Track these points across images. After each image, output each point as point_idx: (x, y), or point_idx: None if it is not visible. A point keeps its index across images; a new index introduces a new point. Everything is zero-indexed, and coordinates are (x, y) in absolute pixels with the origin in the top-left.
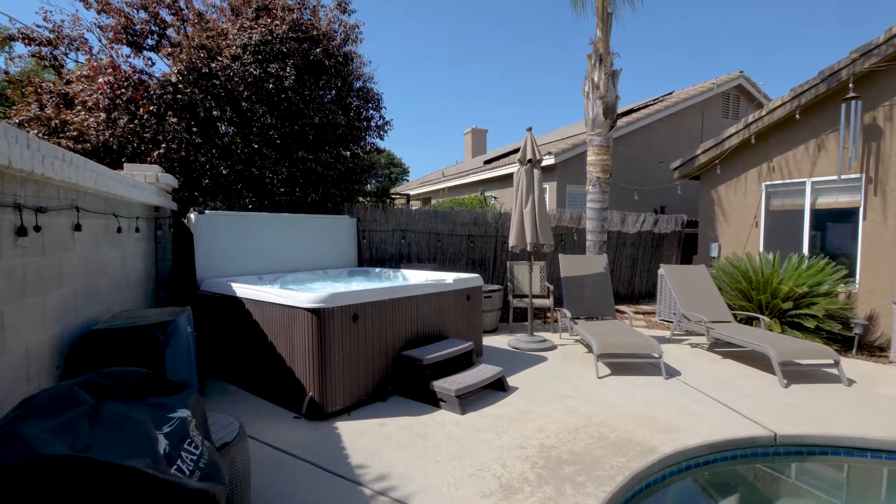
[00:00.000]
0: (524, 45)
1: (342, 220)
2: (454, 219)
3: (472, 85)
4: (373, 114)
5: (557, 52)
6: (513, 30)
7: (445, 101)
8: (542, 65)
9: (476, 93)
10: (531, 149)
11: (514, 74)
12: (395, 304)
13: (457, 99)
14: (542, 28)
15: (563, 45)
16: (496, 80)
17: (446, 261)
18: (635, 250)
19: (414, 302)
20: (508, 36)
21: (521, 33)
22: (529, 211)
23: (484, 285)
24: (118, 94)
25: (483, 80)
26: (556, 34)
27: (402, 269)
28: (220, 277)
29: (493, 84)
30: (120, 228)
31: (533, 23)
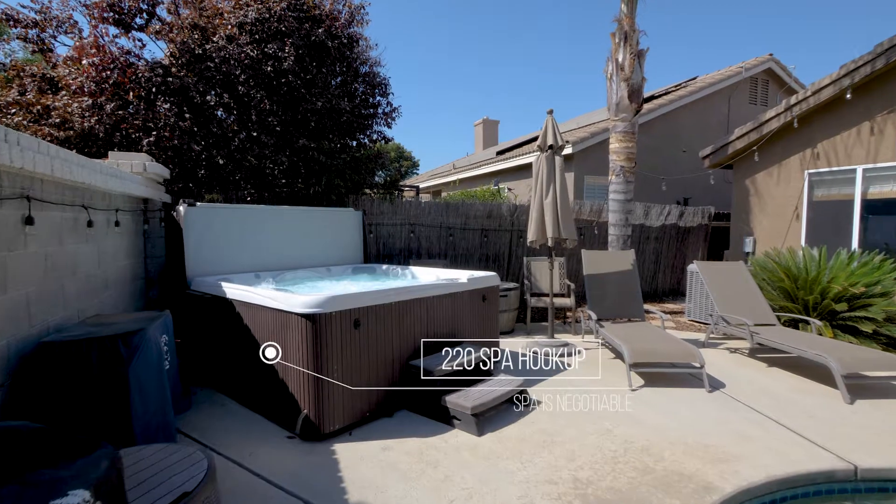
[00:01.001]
0: (537, 34)
1: (346, 213)
2: (467, 212)
3: (482, 76)
4: (380, 100)
5: (573, 40)
6: (524, 16)
7: (455, 94)
8: (557, 53)
9: (487, 84)
10: (552, 134)
11: (526, 64)
12: (403, 307)
13: (467, 91)
14: (556, 15)
15: (578, 32)
16: (507, 70)
17: (458, 256)
18: (659, 245)
19: (424, 304)
20: (520, 23)
21: (533, 20)
22: (550, 202)
23: (495, 273)
24: (104, 78)
25: (494, 72)
26: (571, 21)
27: (410, 266)
28: (212, 276)
29: (504, 75)
30: (91, 222)
31: (544, 10)
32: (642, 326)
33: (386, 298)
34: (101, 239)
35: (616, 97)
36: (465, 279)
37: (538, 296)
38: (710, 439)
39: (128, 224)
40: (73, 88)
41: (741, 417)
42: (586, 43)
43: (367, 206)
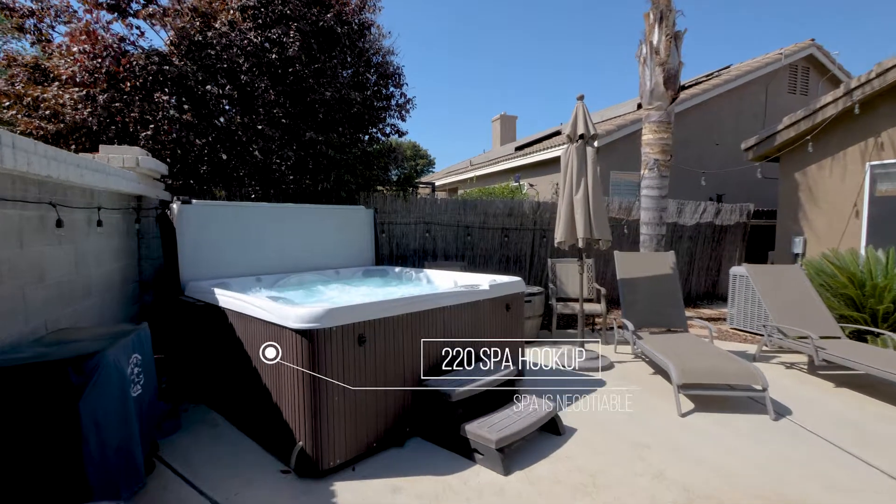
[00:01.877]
0: (557, 27)
1: (356, 210)
2: (486, 209)
3: (499, 73)
4: (393, 91)
5: (595, 33)
6: (541, 10)
7: (472, 92)
8: (578, 48)
9: (504, 81)
10: (583, 122)
11: (545, 59)
12: (416, 319)
13: (484, 89)
14: (576, 7)
15: (601, 25)
16: (525, 67)
17: (477, 258)
18: (693, 245)
19: (440, 315)
20: (538, 17)
21: (553, 12)
22: (581, 199)
23: (519, 277)
24: (97, 67)
25: (511, 68)
26: (591, 13)
27: (426, 269)
28: (208, 280)
29: (522, 71)
30: (60, 221)
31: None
32: (686, 338)
33: (395, 309)
34: (81, 240)
35: (650, 83)
36: (487, 286)
37: (564, 301)
38: (792, 488)
39: (116, 223)
40: (64, 78)
41: (822, 456)
42: (608, 37)
43: (380, 203)
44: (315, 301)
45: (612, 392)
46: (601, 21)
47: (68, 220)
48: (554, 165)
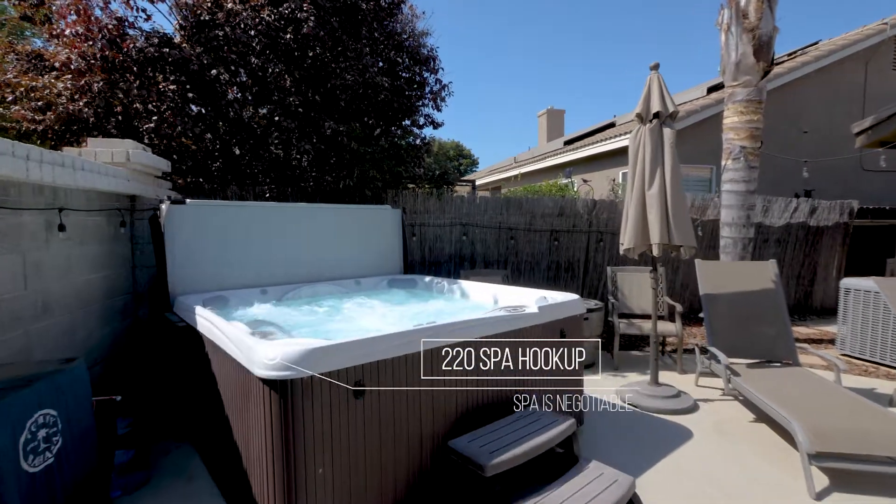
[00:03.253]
0: (603, 17)
1: (381, 211)
2: (532, 209)
3: (545, 71)
4: (427, 77)
5: (650, 27)
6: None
7: (516, 91)
8: (626, 35)
9: (549, 79)
10: (659, 97)
11: (593, 55)
12: (438, 357)
13: (528, 88)
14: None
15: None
16: (573, 64)
17: (521, 264)
18: (781, 250)
19: (472, 351)
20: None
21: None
22: (656, 195)
23: (576, 294)
24: (93, 51)
25: (559, 65)
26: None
27: (460, 281)
28: (201, 293)
29: (570, 69)
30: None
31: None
32: (802, 377)
33: (407, 346)
34: (32, 249)
35: (735, 55)
36: (535, 307)
37: (628, 317)
38: None
39: (96, 227)
40: (57, 65)
41: None
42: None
43: (410, 202)
44: (318, 321)
45: (705, 451)
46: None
47: (11, 225)
48: (610, 159)
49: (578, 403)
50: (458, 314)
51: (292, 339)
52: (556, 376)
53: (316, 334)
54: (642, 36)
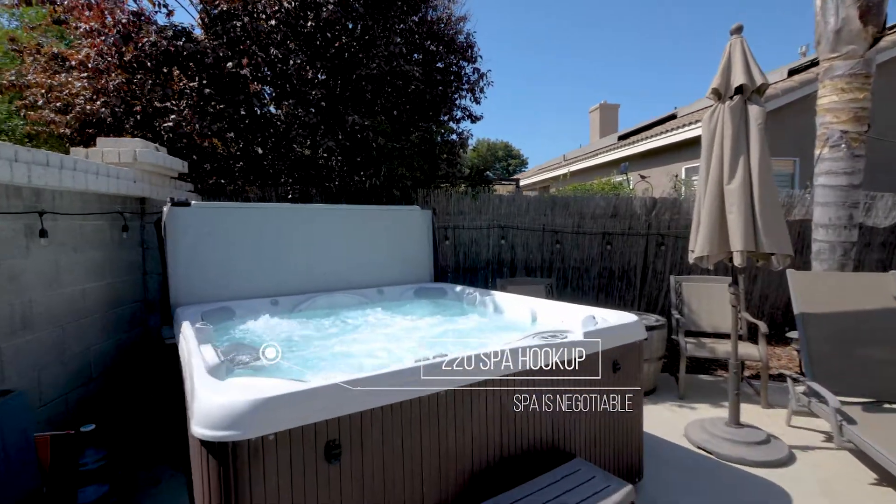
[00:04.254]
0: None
1: (409, 212)
2: (581, 209)
3: (596, 70)
4: (464, 65)
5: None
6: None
7: (569, 88)
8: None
9: (604, 73)
10: (743, 66)
11: (648, 44)
12: (444, 405)
13: (578, 86)
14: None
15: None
16: (626, 56)
17: (568, 271)
18: (886, 255)
19: (495, 392)
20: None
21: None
22: (739, 190)
23: (634, 315)
24: (108, 48)
25: (611, 64)
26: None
27: (494, 293)
28: (206, 304)
29: (622, 68)
30: None
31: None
32: None
33: (399, 393)
34: (3, 258)
35: (834, 21)
36: (580, 334)
37: (697, 336)
38: None
39: (96, 232)
40: (74, 64)
41: None
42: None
43: (443, 203)
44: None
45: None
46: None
47: None
48: (671, 154)
49: (636, 454)
50: (486, 333)
51: (252, 379)
52: (607, 420)
53: (308, 362)
54: (704, 26)
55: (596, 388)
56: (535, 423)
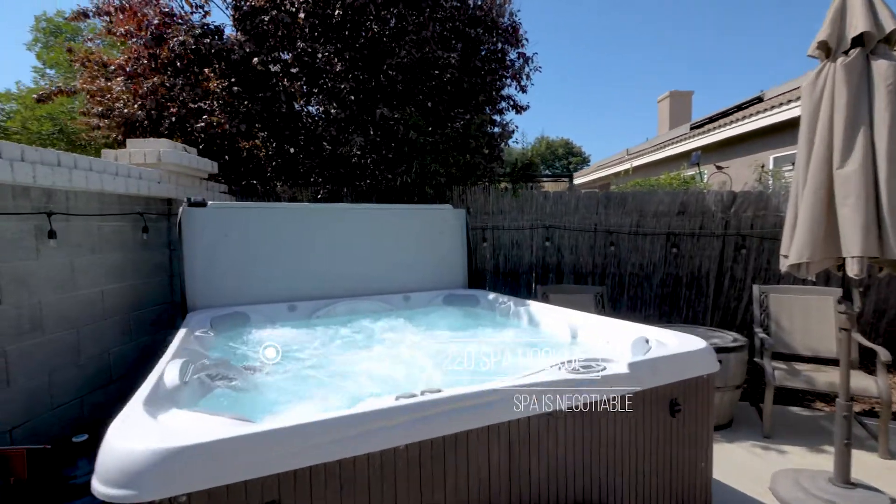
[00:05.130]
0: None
1: (441, 211)
2: (641, 206)
3: (667, 58)
4: (507, 50)
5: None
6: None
7: (633, 81)
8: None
9: (673, 64)
10: (863, 8)
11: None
12: (430, 455)
13: (641, 77)
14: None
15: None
16: (699, 43)
17: (624, 277)
18: None
19: (505, 441)
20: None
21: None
22: (856, 175)
23: (699, 332)
24: (140, 49)
25: (683, 51)
26: None
27: (531, 304)
28: (219, 308)
29: (697, 49)
30: None
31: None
32: None
33: (368, 441)
34: (9, 259)
35: None
36: (625, 365)
37: (788, 360)
38: None
39: (116, 233)
40: (112, 69)
41: None
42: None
43: (480, 201)
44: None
45: None
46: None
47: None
48: (755, 141)
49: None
50: (515, 353)
51: (194, 417)
52: (662, 473)
53: (302, 382)
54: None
55: (648, 435)
56: (559, 478)
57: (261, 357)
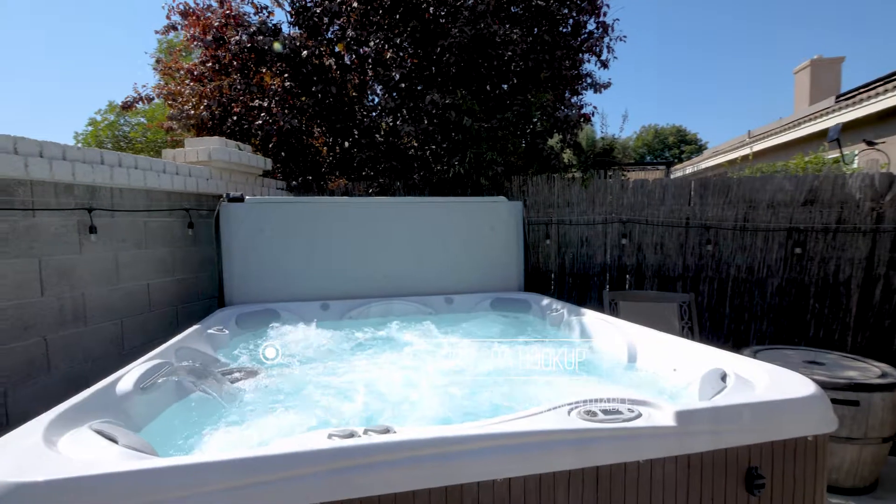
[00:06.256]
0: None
1: (492, 204)
2: (751, 194)
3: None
4: (582, 20)
5: None
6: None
7: (763, 53)
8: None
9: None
10: None
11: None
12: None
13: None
14: None
15: None
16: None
17: (727, 283)
18: None
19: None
20: None
21: None
22: None
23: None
24: (205, 54)
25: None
26: None
27: (587, 311)
28: (248, 305)
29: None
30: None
31: None
32: None
33: (273, 495)
34: (53, 253)
35: None
36: (671, 415)
37: None
38: None
39: (163, 228)
40: (181, 73)
41: None
42: None
43: (544, 192)
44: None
45: None
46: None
47: (18, 228)
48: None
49: None
50: (541, 374)
51: (94, 444)
52: None
53: (296, 389)
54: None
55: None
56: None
57: (261, 356)
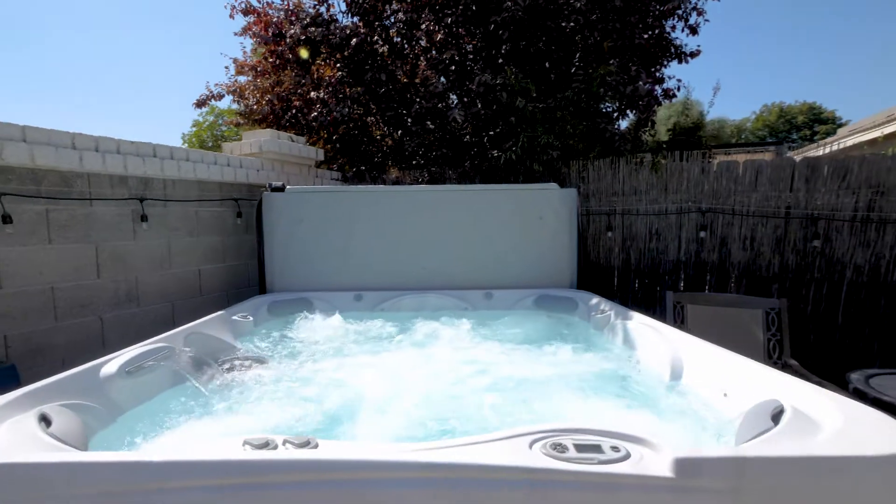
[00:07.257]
0: None
1: (542, 191)
2: (875, 176)
3: None
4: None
5: None
6: None
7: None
8: None
9: None
10: None
11: None
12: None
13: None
14: None
15: None
16: None
17: (836, 286)
18: None
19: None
20: None
21: None
22: None
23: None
24: (266, 49)
25: None
26: None
27: (636, 316)
28: (282, 293)
29: None
30: (7, 217)
31: None
32: None
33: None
34: (108, 239)
35: None
36: (668, 464)
37: None
38: None
39: (215, 217)
40: (246, 69)
41: None
42: None
43: (607, 178)
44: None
45: None
46: None
47: (76, 216)
48: None
49: None
50: (564, 385)
51: (34, 436)
52: None
53: (302, 382)
54: None
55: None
56: None
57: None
